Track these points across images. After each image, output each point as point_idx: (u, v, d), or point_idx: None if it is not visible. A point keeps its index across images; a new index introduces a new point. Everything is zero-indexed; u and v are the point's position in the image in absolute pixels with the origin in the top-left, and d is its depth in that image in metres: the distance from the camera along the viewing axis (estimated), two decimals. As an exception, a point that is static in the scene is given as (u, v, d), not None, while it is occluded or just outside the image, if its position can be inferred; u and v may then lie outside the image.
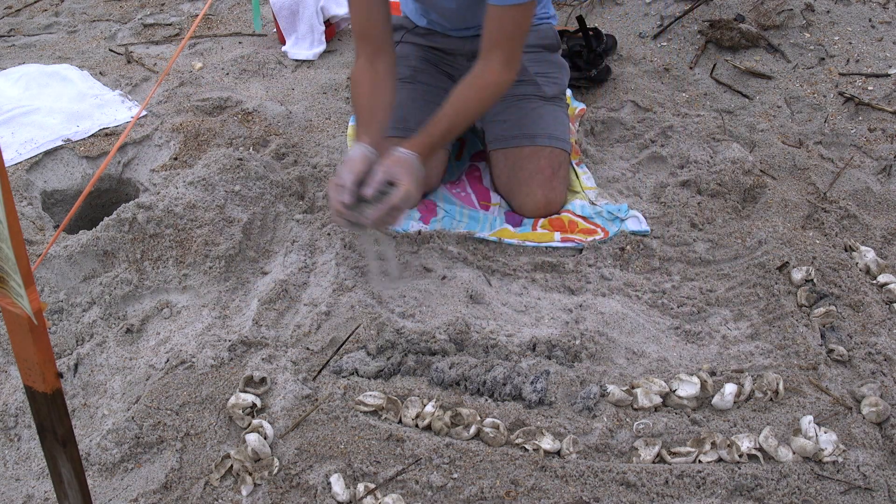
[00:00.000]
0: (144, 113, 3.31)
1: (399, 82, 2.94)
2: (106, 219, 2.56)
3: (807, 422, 2.06)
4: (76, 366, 2.28)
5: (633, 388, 2.15)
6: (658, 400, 2.13)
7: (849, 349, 2.31)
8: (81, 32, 4.18)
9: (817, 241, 2.67)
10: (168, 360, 2.22)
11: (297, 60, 3.83)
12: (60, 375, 1.29)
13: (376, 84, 2.63)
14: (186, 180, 2.72)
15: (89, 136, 3.18)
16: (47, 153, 3.06)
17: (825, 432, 2.04)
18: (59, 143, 3.11)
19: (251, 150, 3.02)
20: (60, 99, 3.39)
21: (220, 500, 1.91)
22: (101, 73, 3.65)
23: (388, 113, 2.61)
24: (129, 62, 3.76)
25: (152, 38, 4.08)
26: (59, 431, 1.34)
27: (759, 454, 2.00)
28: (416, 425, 2.07)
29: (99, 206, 3.04)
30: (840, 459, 2.00)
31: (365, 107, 2.60)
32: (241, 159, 2.82)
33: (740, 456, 2.00)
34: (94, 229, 2.54)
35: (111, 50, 3.91)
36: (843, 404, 2.14)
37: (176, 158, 2.99)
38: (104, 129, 3.22)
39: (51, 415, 1.32)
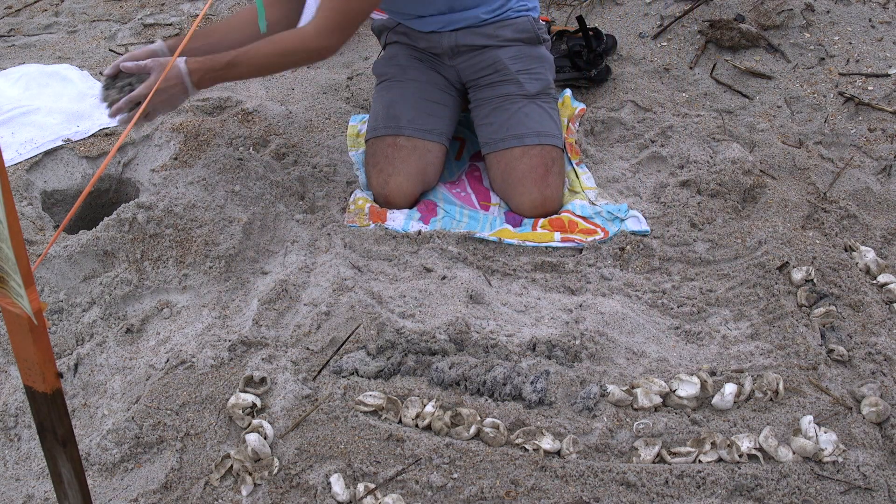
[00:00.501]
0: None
1: (389, 81, 2.97)
2: (106, 219, 2.56)
3: (807, 422, 2.06)
4: (76, 366, 2.28)
5: (633, 388, 2.15)
6: (658, 400, 2.13)
7: (849, 349, 2.31)
8: (81, 32, 4.18)
9: (817, 241, 2.67)
10: (168, 360, 2.22)
11: (297, 60, 3.83)
12: (60, 375, 1.29)
13: (242, 21, 2.79)
14: (186, 180, 2.72)
15: (89, 136, 3.18)
16: (47, 153, 3.06)
17: (825, 432, 2.04)
18: (59, 143, 3.10)
19: (251, 150, 3.02)
20: (60, 99, 3.39)
21: (220, 500, 1.91)
22: (100, 73, 3.64)
23: (220, 43, 2.72)
24: (129, 62, 3.76)
25: (152, 38, 4.07)
26: (59, 431, 1.34)
27: (759, 454, 2.00)
28: (416, 425, 2.07)
29: (99, 206, 3.04)
30: (840, 459, 2.00)
31: (209, 29, 2.80)
32: (241, 159, 2.82)
33: (740, 456, 2.00)
34: (94, 229, 2.55)
35: (111, 50, 3.90)
36: (843, 404, 2.14)
37: (176, 158, 2.98)
38: (104, 129, 3.22)
39: (51, 415, 1.32)
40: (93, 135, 3.18)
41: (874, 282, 2.56)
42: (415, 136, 2.86)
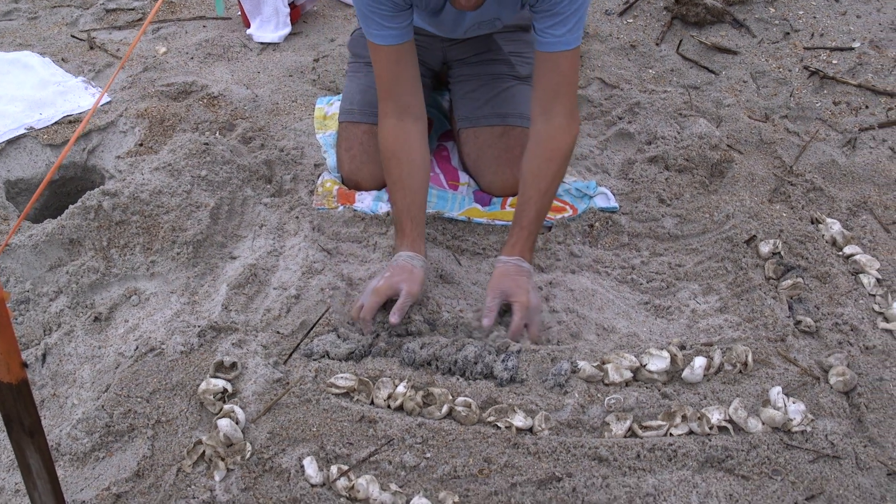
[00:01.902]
0: (108, 99, 3.28)
1: (365, 65, 2.91)
2: (71, 207, 2.53)
3: (775, 393, 2.08)
4: (44, 356, 2.26)
5: (603, 363, 2.16)
6: (629, 375, 2.14)
7: (816, 320, 2.33)
8: (42, 19, 4.12)
9: (784, 215, 2.69)
10: (137, 348, 2.21)
11: (262, 43, 3.80)
12: (25, 365, 1.28)
13: (413, 162, 2.45)
14: (152, 166, 2.70)
15: (53, 124, 3.14)
16: (10, 142, 3.02)
17: (794, 402, 2.06)
18: (22, 131, 3.07)
19: (217, 134, 3.00)
20: (22, 87, 3.34)
21: (193, 487, 1.90)
22: (63, 59, 3.61)
23: (426, 195, 2.47)
24: (91, 48, 3.72)
25: (115, 23, 4.03)
26: (25, 422, 1.33)
27: (729, 426, 2.02)
28: (388, 406, 2.07)
29: (64, 194, 3.01)
30: (808, 429, 2.02)
31: (412, 199, 2.41)
32: (207, 144, 2.80)
33: (711, 428, 2.01)
34: (59, 218, 2.52)
35: (73, 36, 3.85)
36: (810, 375, 2.16)
37: (141, 144, 2.96)
38: (68, 116, 3.18)
39: (17, 405, 1.31)
40: (56, 122, 3.15)
41: (840, 253, 2.58)
42: None
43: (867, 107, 3.27)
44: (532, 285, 2.30)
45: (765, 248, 2.54)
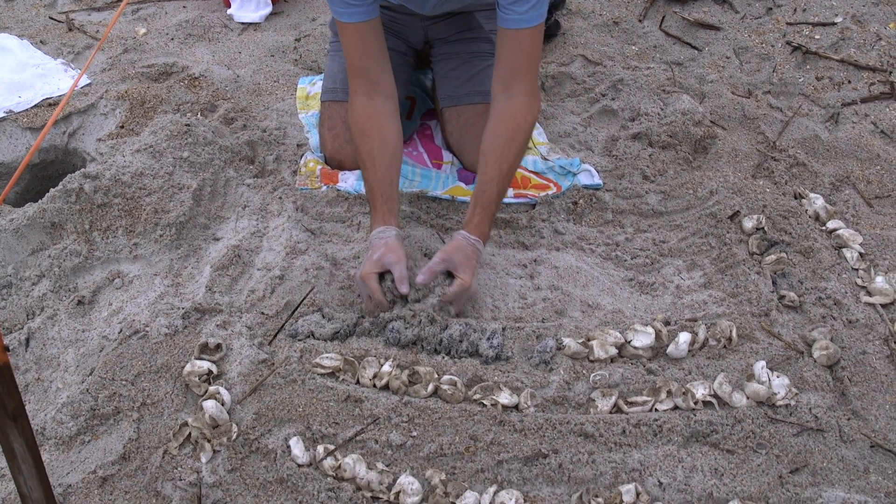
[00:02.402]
0: (88, 81, 3.25)
1: None
2: (52, 190, 2.51)
3: (760, 367, 2.09)
4: (27, 340, 2.25)
5: (588, 340, 2.17)
6: (614, 351, 2.15)
7: (799, 295, 2.34)
8: (20, 0, 4.08)
9: (767, 190, 2.70)
10: (121, 331, 2.20)
11: (243, 24, 3.77)
12: (7, 349, 1.27)
13: (385, 139, 2.43)
14: (133, 148, 2.68)
15: (32, 107, 3.11)
16: (-11, 125, 3.00)
17: (778, 377, 2.07)
18: (2, 114, 3.04)
19: (199, 115, 2.98)
20: (0, 69, 3.31)
21: (179, 468, 1.90)
22: (41, 41, 3.57)
23: (399, 171, 2.45)
24: (70, 30, 3.68)
25: (93, 4, 3.98)
26: (9, 406, 1.32)
27: (713, 400, 2.03)
28: (374, 385, 2.07)
29: (45, 178, 2.99)
30: (792, 402, 2.03)
31: (383, 175, 2.39)
32: (188, 125, 2.78)
33: (696, 403, 2.02)
34: (40, 201, 2.50)
35: (51, 18, 3.81)
36: (794, 349, 2.17)
37: (122, 126, 2.94)
38: (47, 98, 3.15)
39: (-1, 389, 1.30)
40: (36, 105, 3.12)
41: (823, 228, 2.59)
42: None
43: (849, 82, 3.28)
44: (477, 270, 2.30)
45: (748, 224, 2.55)
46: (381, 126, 2.43)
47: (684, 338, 2.16)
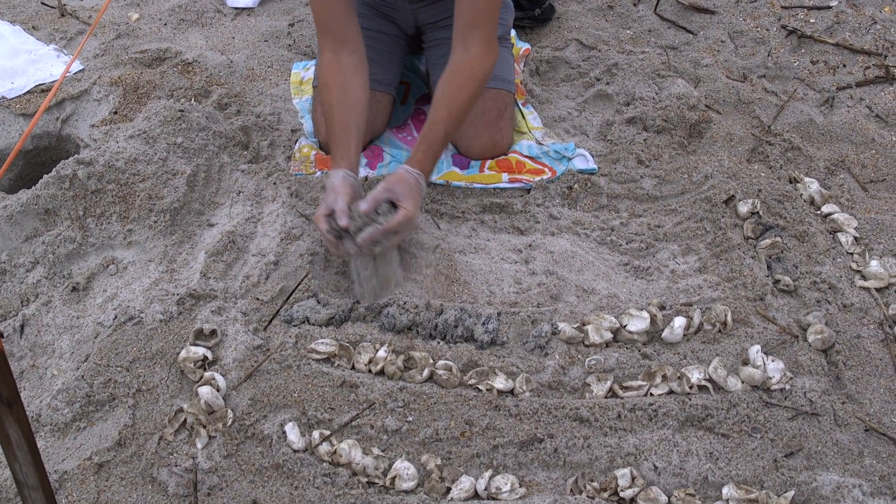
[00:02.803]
0: (81, 67, 3.23)
1: None
2: (46, 176, 2.50)
3: (755, 351, 2.09)
4: (22, 327, 2.24)
5: (583, 324, 2.17)
6: (609, 336, 2.15)
7: (794, 279, 2.34)
8: (12, -14, 4.06)
9: (762, 174, 2.69)
10: (116, 317, 2.20)
11: (236, 8, 3.75)
12: (2, 336, 1.27)
13: (347, 88, 2.46)
14: (127, 134, 2.67)
15: (25, 93, 3.10)
16: (-18, 112, 2.99)
17: (773, 361, 2.07)
18: (-6, 100, 3.03)
19: (192, 101, 2.97)
20: (-8, 55, 3.30)
21: (175, 455, 1.90)
22: (33, 27, 3.55)
23: (362, 127, 2.45)
24: (62, 15, 3.66)
25: (86, -11, 3.96)
26: (3, 393, 1.32)
27: (708, 385, 2.04)
28: (370, 371, 2.08)
29: (39, 164, 2.98)
30: (787, 387, 2.04)
31: (339, 123, 2.42)
32: (182, 111, 2.77)
33: (691, 387, 2.03)
34: (33, 188, 2.49)
35: (43, 3, 3.79)
36: (789, 333, 2.17)
37: (116, 112, 2.92)
38: (40, 84, 3.14)
39: (-7, 376, 1.29)
40: (28, 91, 3.11)
41: (818, 212, 2.59)
42: None
43: (845, 65, 3.27)
44: (419, 203, 2.29)
45: (743, 208, 2.55)
46: (343, 79, 2.47)
47: (679, 322, 2.16)
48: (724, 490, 1.84)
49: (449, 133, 2.41)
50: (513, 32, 3.29)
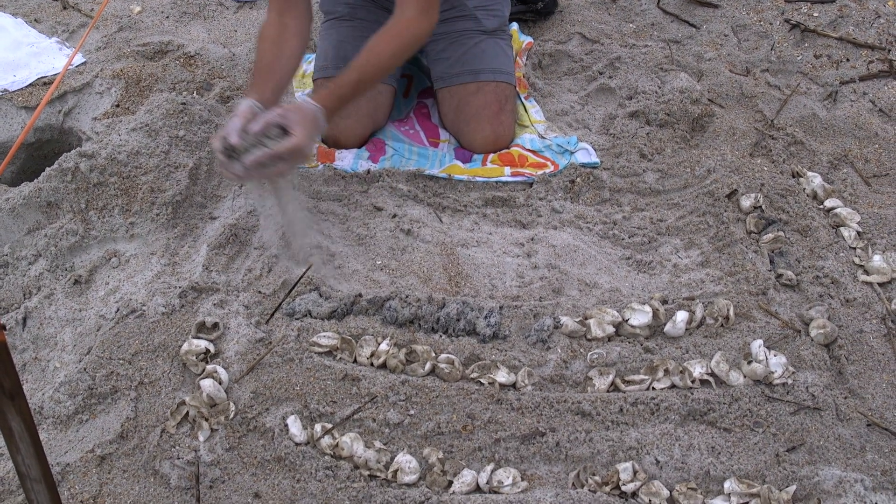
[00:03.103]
0: (83, 60, 3.23)
1: (337, 20, 2.90)
2: (48, 169, 2.50)
3: (757, 346, 2.09)
4: (24, 319, 2.24)
5: (586, 318, 2.17)
6: (611, 330, 2.15)
7: (797, 273, 2.34)
8: (14, -22, 4.05)
9: (765, 168, 2.69)
10: (118, 310, 2.19)
11: (238, 1, 3.75)
12: (4, 328, 1.27)
13: (282, 41, 2.49)
14: (129, 127, 2.66)
15: (27, 86, 3.10)
16: (-16, 104, 2.98)
17: (775, 355, 2.07)
18: (-4, 93, 3.03)
19: (195, 94, 2.96)
20: (-6, 48, 3.29)
21: (177, 447, 1.90)
22: (35, 20, 3.55)
23: (288, 75, 2.48)
24: (64, 8, 3.66)
25: (88, -18, 3.96)
26: (6, 385, 1.32)
27: (711, 379, 2.04)
28: (371, 364, 2.08)
29: (41, 157, 2.98)
30: (789, 381, 2.03)
31: (265, 64, 2.45)
32: (184, 104, 2.76)
33: (693, 381, 2.03)
34: (35, 180, 2.49)
35: (46, -4, 3.79)
36: (792, 327, 2.17)
37: (118, 105, 2.92)
38: (42, 77, 3.14)
39: (-4, 368, 1.29)
40: (31, 84, 3.10)
41: (821, 207, 2.59)
42: None
43: (848, 60, 3.26)
44: (316, 135, 2.30)
45: (746, 203, 2.54)
46: (281, 37, 2.49)
47: (682, 316, 2.16)
48: (726, 484, 1.84)
49: (362, 80, 2.41)
50: (515, 26, 3.29)
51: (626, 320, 2.17)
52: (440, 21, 2.88)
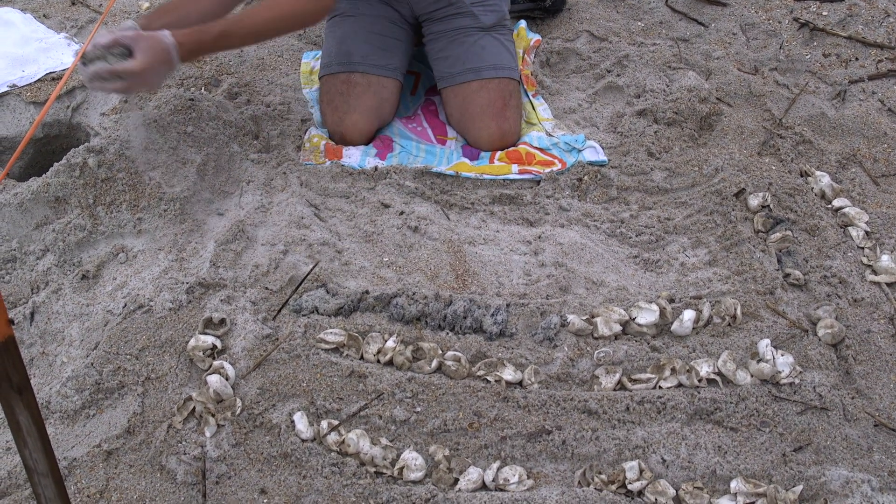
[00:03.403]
0: (91, 55, 3.23)
1: (340, 16, 2.91)
2: (56, 164, 2.50)
3: (764, 345, 2.09)
4: (32, 314, 2.25)
5: (593, 317, 2.16)
6: (618, 328, 2.15)
7: (805, 273, 2.34)
8: (23, -26, 4.06)
9: (773, 167, 2.68)
10: (126, 305, 2.20)
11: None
12: (12, 322, 1.27)
13: None
14: (138, 123, 2.67)
15: (36, 81, 3.10)
16: (-8, 99, 2.99)
17: (782, 355, 2.07)
18: (5, 88, 3.02)
19: (203, 90, 2.97)
20: (3, 43, 3.29)
21: (184, 443, 1.91)
22: (44, 15, 3.55)
23: (188, 20, 2.44)
24: (73, 3, 3.66)
25: (97, -23, 3.96)
26: (14, 379, 1.32)
27: (717, 378, 2.03)
28: (378, 361, 2.08)
29: (49, 152, 2.98)
30: (797, 381, 2.03)
31: (168, 6, 2.49)
32: (192, 100, 2.77)
33: (699, 381, 2.02)
34: (43, 175, 2.49)
35: (55, -9, 3.80)
36: (799, 327, 2.17)
37: (126, 101, 2.92)
38: (51, 73, 3.14)
39: (4, 363, 1.30)
40: (39, 79, 3.10)
41: (829, 206, 2.58)
42: (369, 73, 2.82)
43: (857, 59, 3.26)
44: (162, 67, 2.31)
45: (754, 202, 2.54)
46: None
47: (689, 315, 2.15)
48: (733, 484, 1.84)
49: (226, 33, 2.42)
50: (523, 23, 3.29)
51: (633, 319, 2.16)
52: (438, 19, 2.90)
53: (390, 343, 2.09)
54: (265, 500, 1.82)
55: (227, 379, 1.99)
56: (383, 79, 2.83)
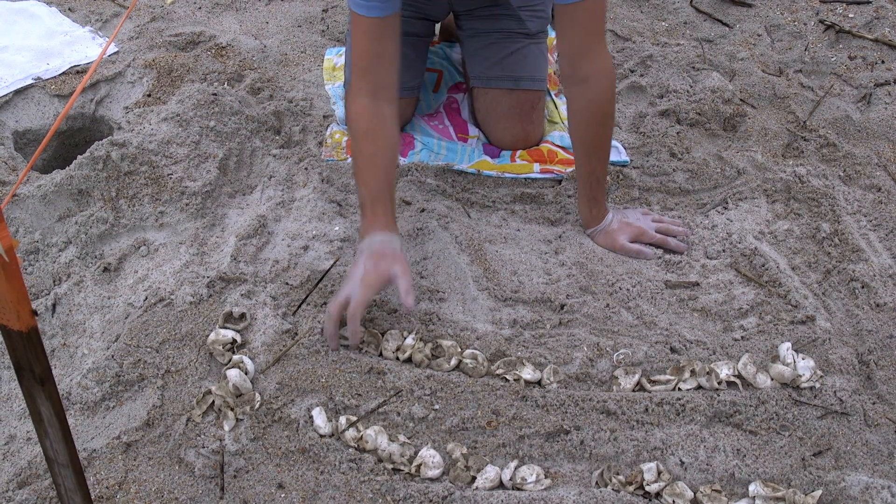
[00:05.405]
0: (116, 49, 3.25)
1: None
2: (79, 157, 2.52)
3: (785, 349, 2.08)
4: (54, 306, 2.26)
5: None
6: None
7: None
8: (49, -33, 4.08)
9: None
10: (146, 298, 2.21)
11: (270, -7, 3.76)
12: (35, 313, 1.28)
13: (388, 137, 2.26)
14: (160, 117, 2.68)
15: (60, 74, 3.12)
16: (17, 92, 3.00)
17: (803, 359, 2.05)
18: (30, 81, 3.04)
19: (226, 85, 2.97)
20: (29, 36, 3.32)
21: (202, 436, 1.91)
22: (69, 9, 3.57)
23: (395, 179, 2.28)
24: (98, -3, 3.68)
25: (122, -28, 3.98)
26: (36, 370, 1.33)
27: (737, 381, 2.02)
28: (397, 358, 2.08)
29: (72, 145, 3.00)
30: (817, 385, 2.02)
31: (383, 179, 2.20)
32: (215, 94, 2.78)
33: (719, 383, 2.01)
34: (67, 168, 2.51)
35: (80, -15, 3.82)
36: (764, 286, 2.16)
37: (149, 95, 2.94)
38: (75, 66, 3.16)
39: (27, 353, 1.30)
40: (63, 72, 3.12)
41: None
42: None
43: (883, 62, 3.23)
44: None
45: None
46: (385, 129, 2.26)
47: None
48: (751, 487, 1.83)
49: (599, 174, 2.41)
50: (547, 22, 3.27)
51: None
52: (480, 17, 2.83)
53: (409, 340, 2.09)
54: (282, 495, 1.82)
55: (246, 373, 2.00)
56: (403, 100, 2.72)
